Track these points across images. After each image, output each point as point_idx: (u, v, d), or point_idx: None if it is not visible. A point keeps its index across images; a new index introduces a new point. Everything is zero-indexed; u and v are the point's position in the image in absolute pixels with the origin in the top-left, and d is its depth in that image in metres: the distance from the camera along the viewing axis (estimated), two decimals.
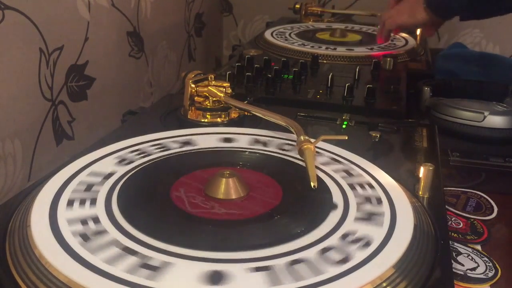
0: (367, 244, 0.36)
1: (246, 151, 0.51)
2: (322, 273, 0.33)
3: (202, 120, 0.59)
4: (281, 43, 0.97)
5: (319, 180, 0.44)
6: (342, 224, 0.38)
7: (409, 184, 0.47)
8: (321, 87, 0.76)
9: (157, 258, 0.33)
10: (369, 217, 0.39)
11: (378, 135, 0.57)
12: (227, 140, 0.53)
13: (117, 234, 0.36)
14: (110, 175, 0.44)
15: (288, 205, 0.41)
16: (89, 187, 0.42)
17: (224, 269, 0.33)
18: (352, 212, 0.40)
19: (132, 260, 0.33)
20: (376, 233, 0.37)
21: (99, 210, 0.39)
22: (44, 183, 0.43)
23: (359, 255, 0.34)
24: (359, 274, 0.32)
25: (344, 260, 0.34)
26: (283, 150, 0.51)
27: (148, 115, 0.64)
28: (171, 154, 0.49)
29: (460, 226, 0.52)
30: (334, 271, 0.33)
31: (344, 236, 0.37)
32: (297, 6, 1.26)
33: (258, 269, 0.33)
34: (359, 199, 0.42)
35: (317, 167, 0.46)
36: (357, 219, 0.39)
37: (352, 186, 0.44)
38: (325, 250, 0.35)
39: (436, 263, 0.36)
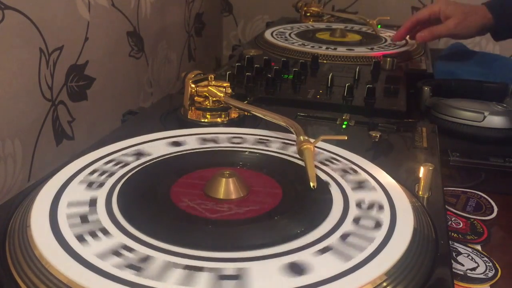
0: (381, 207, 0.40)
1: (246, 151, 0.51)
2: (373, 239, 0.36)
3: (202, 120, 0.59)
4: (281, 43, 0.97)
5: (319, 180, 0.44)
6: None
7: (409, 184, 0.47)
8: (321, 87, 0.76)
9: (229, 267, 0.33)
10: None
11: (378, 135, 0.57)
12: (176, 143, 0.51)
13: (167, 256, 0.34)
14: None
15: (288, 204, 0.41)
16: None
17: (295, 260, 0.33)
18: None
19: (206, 276, 0.32)
20: (378, 196, 0.42)
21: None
22: (44, 183, 0.43)
23: (384, 220, 0.38)
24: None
25: (378, 225, 0.38)
26: (233, 143, 0.52)
27: (148, 115, 0.64)
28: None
29: (460, 226, 0.52)
30: (380, 235, 0.36)
31: (359, 205, 0.41)
32: (300, 4, 1.26)
33: (322, 251, 0.34)
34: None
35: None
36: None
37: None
38: (356, 220, 0.38)
39: (436, 263, 0.36)
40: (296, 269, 0.33)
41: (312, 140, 0.47)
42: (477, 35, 0.99)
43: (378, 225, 0.38)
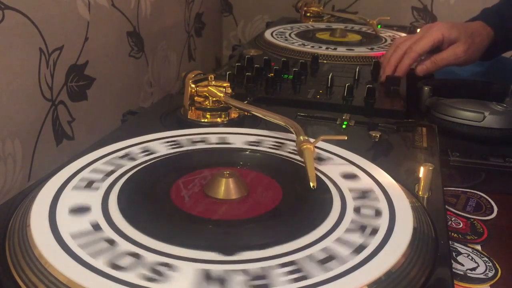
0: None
1: (246, 151, 0.51)
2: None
3: (202, 120, 0.59)
4: (281, 43, 0.97)
5: (319, 180, 0.44)
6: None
7: (409, 184, 0.47)
8: (321, 87, 0.76)
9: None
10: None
11: (378, 135, 0.57)
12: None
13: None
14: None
15: (288, 204, 0.41)
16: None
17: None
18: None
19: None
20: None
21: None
22: (44, 183, 0.43)
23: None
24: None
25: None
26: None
27: (148, 115, 0.64)
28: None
29: (460, 226, 0.52)
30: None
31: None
32: (300, 4, 1.27)
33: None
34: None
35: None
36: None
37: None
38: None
39: (436, 263, 0.36)
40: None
41: (312, 140, 0.47)
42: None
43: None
